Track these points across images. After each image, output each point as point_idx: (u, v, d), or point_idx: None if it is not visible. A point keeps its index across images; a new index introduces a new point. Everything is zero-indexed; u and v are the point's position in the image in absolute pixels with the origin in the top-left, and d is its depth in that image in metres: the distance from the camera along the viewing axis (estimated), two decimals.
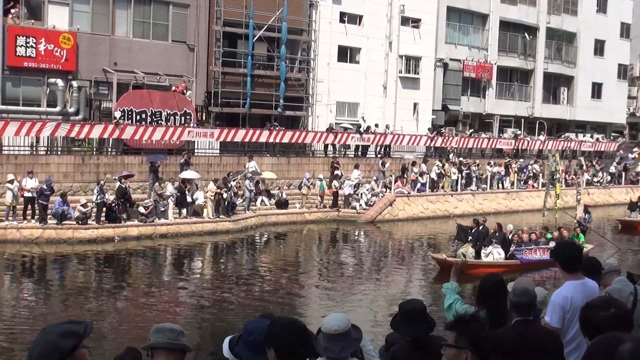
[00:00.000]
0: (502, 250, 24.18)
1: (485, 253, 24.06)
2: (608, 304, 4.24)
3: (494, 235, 24.65)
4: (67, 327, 3.56)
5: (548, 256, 24.75)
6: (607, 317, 4.08)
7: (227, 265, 25.74)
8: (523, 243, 25.15)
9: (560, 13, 57.65)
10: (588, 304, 4.34)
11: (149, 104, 33.76)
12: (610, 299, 4.67)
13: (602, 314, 4.11)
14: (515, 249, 24.60)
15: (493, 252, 24.01)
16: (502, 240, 24.47)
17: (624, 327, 4.11)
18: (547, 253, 24.92)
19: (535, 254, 24.87)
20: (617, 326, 4.06)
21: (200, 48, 37.74)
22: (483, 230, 24.69)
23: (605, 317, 4.08)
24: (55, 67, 32.73)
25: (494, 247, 24.12)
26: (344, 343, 4.37)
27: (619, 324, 4.08)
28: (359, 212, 35.31)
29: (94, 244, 26.23)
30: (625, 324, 4.13)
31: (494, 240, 24.38)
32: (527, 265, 23.90)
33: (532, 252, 24.84)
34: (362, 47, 44.74)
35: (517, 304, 5.65)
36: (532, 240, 25.39)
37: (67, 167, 29.65)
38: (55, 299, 19.50)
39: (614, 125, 64.45)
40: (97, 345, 14.57)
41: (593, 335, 4.12)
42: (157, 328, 4.38)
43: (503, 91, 55.19)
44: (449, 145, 44.19)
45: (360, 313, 18.02)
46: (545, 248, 25.12)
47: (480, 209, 39.94)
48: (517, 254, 24.40)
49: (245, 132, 35.96)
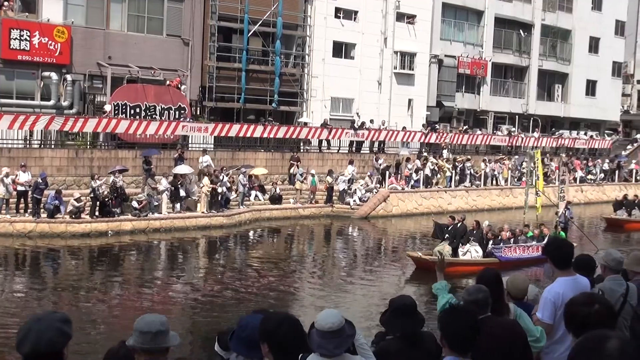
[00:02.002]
0: (479, 248, 23.67)
1: (463, 251, 23.53)
2: (592, 300, 4.25)
3: (472, 232, 24.09)
4: (61, 315, 3.62)
5: (528, 254, 24.67)
6: (590, 314, 4.09)
7: (221, 260, 25.73)
8: (502, 241, 24.60)
9: (556, 10, 57.71)
10: (572, 300, 4.36)
11: (143, 98, 33.69)
12: (594, 295, 4.69)
13: (585, 310, 4.12)
14: (493, 247, 24.02)
15: (471, 250, 23.50)
16: (480, 238, 23.92)
17: (608, 323, 4.12)
18: (527, 251, 24.72)
19: (515, 252, 24.43)
20: (601, 323, 4.08)
21: (195, 42, 37.68)
22: (461, 227, 24.04)
23: (588, 314, 4.09)
24: (49, 61, 32.63)
25: (472, 245, 23.63)
26: (338, 340, 4.37)
27: (603, 321, 4.09)
28: (352, 208, 35.32)
29: (87, 238, 26.20)
30: (609, 321, 4.14)
31: (472, 238, 23.85)
32: (506, 263, 23.07)
33: (511, 250, 24.36)
34: (357, 42, 44.73)
35: (473, 302, 5.58)
36: (512, 238, 24.97)
37: (61, 161, 29.56)
38: (47, 293, 19.44)
39: (608, 123, 64.55)
40: (89, 339, 14.57)
41: (577, 331, 4.14)
42: (137, 327, 4.29)
43: (498, 88, 55.25)
44: (443, 142, 44.21)
45: (353, 308, 18.03)
46: (525, 246, 24.79)
47: (474, 205, 40.04)
48: (496, 252, 23.82)
49: (239, 127, 35.92)
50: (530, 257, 24.66)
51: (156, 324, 4.26)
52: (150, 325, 4.25)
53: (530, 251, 24.87)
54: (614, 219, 37.06)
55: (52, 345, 3.48)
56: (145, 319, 4.33)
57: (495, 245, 24.16)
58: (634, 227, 36.07)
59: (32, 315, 3.69)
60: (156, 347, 4.24)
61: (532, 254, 24.75)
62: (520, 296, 7.15)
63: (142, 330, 4.24)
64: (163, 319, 4.34)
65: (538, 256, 24.40)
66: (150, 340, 4.21)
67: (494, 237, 24.57)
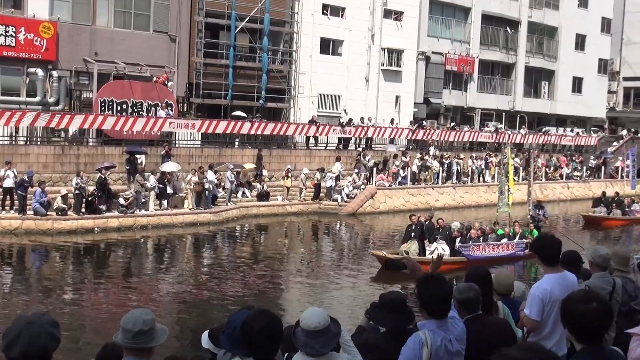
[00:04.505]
0: (446, 246, 22.92)
1: (430, 250, 22.71)
2: (590, 297, 4.25)
3: (438, 231, 23.46)
4: (50, 318, 3.60)
5: (498, 252, 24.09)
6: (588, 311, 4.09)
7: (208, 257, 25.66)
8: (471, 239, 23.87)
9: (542, 7, 57.91)
10: (570, 297, 4.36)
11: (130, 95, 33.55)
12: (592, 292, 4.69)
13: (582, 307, 4.13)
14: (460, 245, 23.30)
15: (438, 248, 22.66)
16: (446, 236, 23.27)
17: (604, 321, 4.14)
18: (496, 249, 24.17)
19: (484, 251, 23.73)
20: (597, 321, 4.09)
21: (182, 39, 37.55)
22: (429, 225, 23.66)
23: (586, 311, 4.10)
24: (35, 57, 32.44)
25: (439, 244, 22.95)
26: (323, 339, 4.38)
27: (600, 319, 4.10)
28: (340, 205, 35.34)
29: (74, 235, 26.08)
30: (606, 319, 4.15)
31: (438, 236, 23.23)
32: (474, 262, 21.55)
33: (479, 248, 23.66)
34: (345, 39, 44.70)
35: (464, 301, 5.61)
36: (481, 236, 24.29)
37: (47, 158, 29.36)
38: (32, 290, 19.34)
39: (594, 120, 64.88)
40: (75, 338, 14.50)
41: (575, 328, 4.14)
42: (122, 323, 4.27)
43: (484, 85, 55.39)
44: (430, 139, 44.28)
45: (338, 305, 18.04)
46: (494, 244, 24.28)
47: (461, 202, 40.18)
48: (464, 251, 23.14)
49: (226, 123, 35.82)
50: (500, 255, 24.05)
51: (139, 323, 4.22)
52: (132, 324, 4.22)
53: (500, 249, 24.28)
54: (592, 217, 36.91)
55: (44, 351, 3.46)
56: (130, 315, 4.30)
57: (463, 243, 23.54)
58: (613, 224, 36.20)
59: (21, 317, 3.65)
60: (136, 347, 4.23)
61: (502, 252, 24.24)
62: (505, 292, 7.16)
63: (125, 327, 4.24)
64: (148, 317, 4.29)
65: (509, 254, 24.20)
66: (132, 338, 4.20)
67: (461, 235, 23.87)
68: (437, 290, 4.96)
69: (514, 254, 24.54)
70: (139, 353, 4.26)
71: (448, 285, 5.07)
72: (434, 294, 4.95)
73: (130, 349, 4.24)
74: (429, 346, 4.80)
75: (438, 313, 4.95)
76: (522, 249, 24.65)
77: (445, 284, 5.03)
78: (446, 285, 5.04)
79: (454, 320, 5.08)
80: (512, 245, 24.67)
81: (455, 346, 4.99)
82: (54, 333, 3.54)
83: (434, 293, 4.95)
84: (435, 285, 4.98)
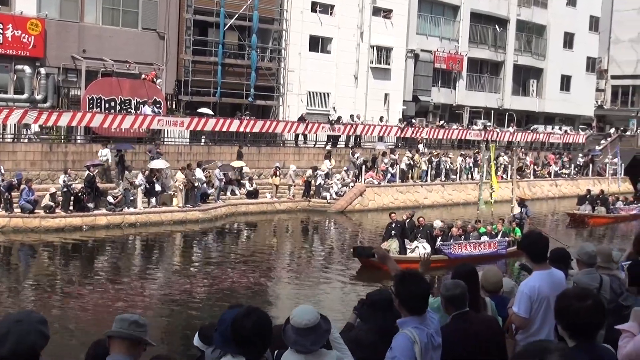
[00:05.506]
0: (427, 245, 22.61)
1: (411, 248, 22.64)
2: (585, 294, 4.25)
3: (419, 229, 23.37)
4: (39, 316, 3.61)
5: (479, 251, 23.91)
6: (582, 309, 4.09)
7: (197, 255, 25.60)
8: (452, 237, 23.69)
9: (531, 5, 58.09)
10: (565, 294, 4.36)
11: (118, 92, 33.43)
12: (587, 289, 4.69)
13: (578, 304, 4.12)
14: (441, 244, 23.13)
15: (419, 246, 22.51)
16: (427, 234, 23.10)
17: (599, 317, 4.14)
18: (478, 248, 23.98)
19: (466, 249, 23.52)
20: (593, 317, 4.09)
21: (171, 36, 37.45)
22: (410, 224, 23.55)
23: (581, 308, 4.09)
24: (22, 54, 32.29)
25: (420, 242, 22.78)
26: (314, 337, 4.40)
27: (595, 315, 4.10)
28: (329, 202, 35.34)
29: (62, 232, 25.97)
30: (600, 317, 4.15)
31: (419, 234, 23.11)
32: (456, 261, 21.00)
33: (461, 246, 23.48)
34: (334, 37, 44.69)
35: (451, 298, 5.63)
36: (462, 235, 24.13)
37: (35, 155, 29.23)
38: (20, 288, 19.25)
39: (582, 118, 65.12)
40: (63, 336, 14.44)
41: (570, 325, 4.14)
42: (117, 318, 4.35)
43: (473, 83, 55.52)
44: (419, 136, 44.31)
45: (327, 302, 18.04)
46: (476, 243, 24.09)
47: (449, 199, 40.26)
48: (445, 249, 22.94)
49: (215, 121, 35.73)
50: (482, 253, 23.79)
51: (134, 316, 4.35)
52: (129, 315, 4.36)
53: (481, 248, 24.11)
54: (577, 214, 37.11)
55: (33, 349, 3.47)
56: (127, 314, 4.42)
57: (444, 241, 23.34)
58: (597, 222, 36.31)
59: (9, 315, 3.64)
60: (131, 334, 4.25)
61: (484, 250, 24.06)
62: (494, 290, 7.19)
63: (121, 318, 4.32)
64: (144, 319, 4.41)
65: (490, 253, 24.05)
66: (127, 327, 4.25)
67: (443, 233, 23.73)
68: (415, 288, 4.97)
69: (496, 252, 24.41)
70: (130, 348, 4.24)
71: (426, 282, 5.10)
72: (412, 291, 4.96)
73: (123, 338, 4.25)
74: (418, 343, 4.80)
75: (418, 310, 4.97)
76: (504, 247, 24.66)
77: (422, 281, 5.05)
78: (424, 282, 5.07)
79: (429, 313, 5.11)
80: (494, 244, 24.56)
81: (437, 340, 5.03)
82: (43, 331, 3.54)
83: (412, 291, 4.96)
84: (413, 283, 4.99)
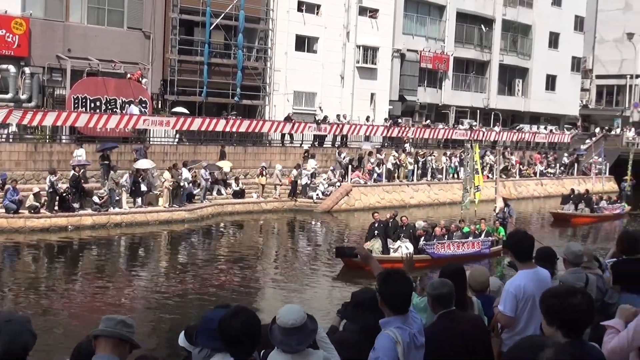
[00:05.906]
0: (410, 244, 22.57)
1: (394, 248, 22.58)
2: (573, 291, 4.25)
3: (402, 229, 23.26)
4: (25, 316, 3.61)
5: (463, 250, 23.83)
6: (572, 304, 4.09)
7: (183, 255, 25.53)
8: (435, 237, 23.62)
9: (516, 5, 58.32)
10: (552, 291, 4.36)
11: (104, 92, 33.28)
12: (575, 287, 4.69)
13: (567, 301, 4.12)
14: (424, 243, 23.11)
15: (402, 246, 22.45)
16: (409, 234, 23.05)
17: (588, 314, 4.14)
18: (461, 247, 23.91)
19: (449, 249, 23.44)
20: (584, 313, 4.09)
21: (157, 35, 37.33)
22: (393, 223, 23.48)
23: (569, 304, 4.09)
24: (6, 53, 32.10)
25: (403, 242, 22.72)
26: (300, 336, 4.39)
27: (584, 311, 4.10)
28: (315, 202, 35.33)
29: (47, 233, 25.83)
30: (588, 314, 4.15)
31: (402, 234, 23.02)
32: (439, 261, 21.61)
33: (444, 246, 23.38)
34: (320, 36, 44.70)
35: (438, 296, 5.63)
36: (445, 234, 24.04)
37: (19, 155, 29.07)
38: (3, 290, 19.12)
39: (567, 117, 65.45)
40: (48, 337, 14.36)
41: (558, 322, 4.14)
42: (104, 317, 4.31)
43: (459, 82, 55.69)
44: (405, 136, 44.37)
45: (314, 302, 18.04)
46: (459, 242, 24.01)
47: (435, 199, 40.33)
48: (428, 249, 22.92)
49: (201, 121, 35.65)
50: (465, 253, 23.69)
51: (122, 317, 4.30)
52: (120, 317, 4.30)
53: (465, 247, 24.02)
54: (561, 214, 37.27)
55: (25, 348, 3.48)
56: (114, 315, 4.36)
57: (427, 241, 23.30)
58: (581, 221, 36.48)
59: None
60: (117, 333, 4.20)
61: (467, 250, 23.99)
62: (481, 289, 7.20)
63: (108, 317, 4.28)
64: (131, 319, 4.35)
65: (474, 252, 24.00)
66: (114, 326, 4.20)
67: (426, 233, 23.71)
68: (397, 287, 4.97)
69: (479, 251, 24.38)
70: (115, 348, 4.20)
71: (409, 281, 5.09)
72: (395, 290, 4.96)
73: (110, 337, 4.18)
74: (401, 343, 4.80)
75: (400, 309, 4.97)
76: (487, 247, 24.67)
77: (405, 280, 5.04)
78: (407, 281, 5.06)
79: (412, 312, 5.11)
80: (478, 243, 24.53)
81: (420, 340, 5.03)
82: (32, 330, 3.56)
83: (395, 290, 4.96)
84: (396, 282, 5.00)
